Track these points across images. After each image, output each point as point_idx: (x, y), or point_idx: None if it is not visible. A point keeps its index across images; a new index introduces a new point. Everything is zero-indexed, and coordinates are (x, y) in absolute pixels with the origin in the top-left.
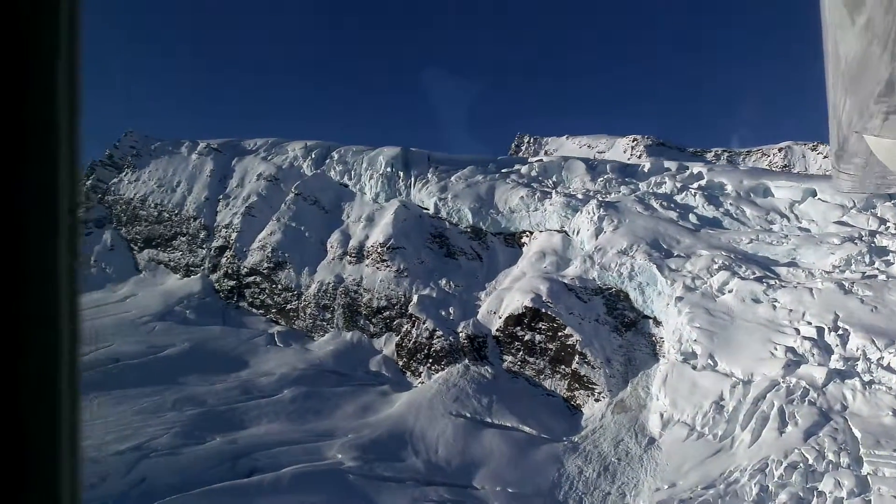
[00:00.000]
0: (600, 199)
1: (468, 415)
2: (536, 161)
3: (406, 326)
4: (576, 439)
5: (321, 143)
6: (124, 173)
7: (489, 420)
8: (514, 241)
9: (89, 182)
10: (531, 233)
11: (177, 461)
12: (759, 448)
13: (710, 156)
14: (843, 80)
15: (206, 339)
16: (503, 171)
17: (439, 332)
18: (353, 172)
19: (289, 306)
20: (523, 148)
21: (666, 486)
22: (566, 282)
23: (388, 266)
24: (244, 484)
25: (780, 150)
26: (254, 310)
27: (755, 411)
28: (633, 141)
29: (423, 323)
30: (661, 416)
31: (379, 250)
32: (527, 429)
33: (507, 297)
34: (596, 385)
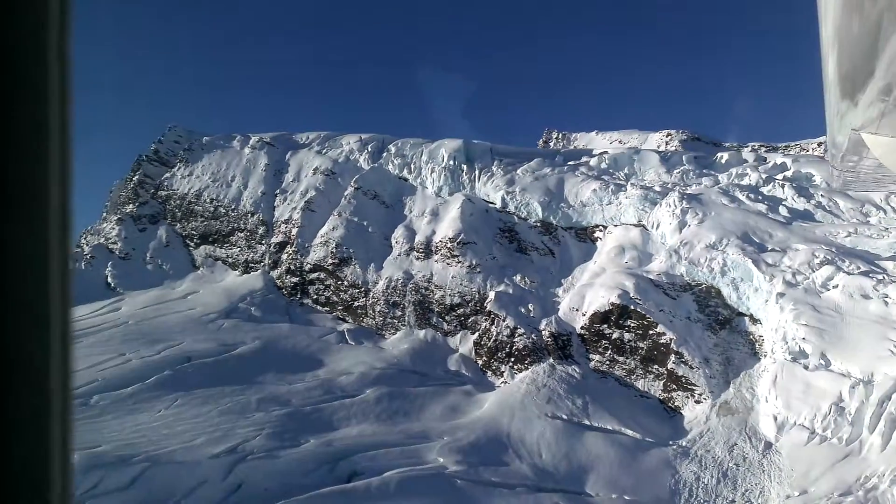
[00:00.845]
0: (681, 191)
1: (564, 416)
2: (600, 153)
3: (484, 324)
4: (683, 443)
5: (376, 135)
6: (177, 168)
7: (587, 422)
8: (586, 236)
9: (136, 178)
10: (604, 227)
11: (273, 465)
12: (893, 452)
13: (746, 151)
14: (841, 79)
15: (276, 336)
16: (570, 163)
17: (520, 330)
18: (412, 166)
19: (356, 303)
20: (551, 144)
21: (797, 494)
22: (652, 277)
23: (459, 262)
24: (350, 489)
25: (819, 143)
26: (318, 307)
27: (881, 412)
28: (666, 136)
29: (503, 320)
30: (775, 418)
31: (449, 245)
32: (629, 432)
33: (588, 293)
34: (696, 386)
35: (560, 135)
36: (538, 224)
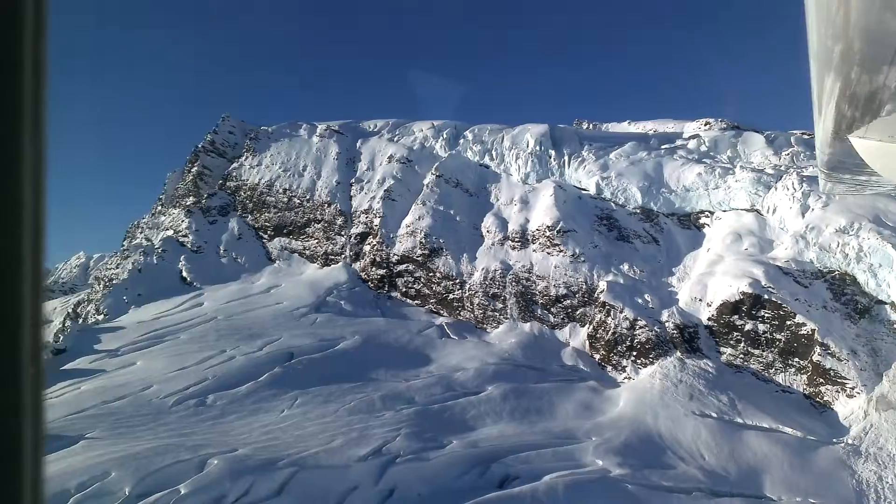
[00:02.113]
0: (798, 173)
1: (713, 414)
2: (692, 137)
3: (598, 316)
4: (850, 441)
5: (448, 122)
6: (244, 158)
7: (740, 420)
8: (689, 222)
9: (194, 170)
10: (710, 213)
11: (422, 468)
12: None
13: (794, 139)
14: (830, 83)
15: (374, 331)
16: (666, 146)
17: (641, 322)
18: (493, 152)
19: (451, 296)
20: None
21: None
22: (780, 265)
23: (560, 251)
24: (517, 495)
25: None
26: (408, 300)
27: None
28: (705, 125)
29: (620, 312)
30: None
31: (548, 234)
32: (788, 430)
33: (711, 282)
34: (846, 379)
35: (591, 125)
36: (637, 210)
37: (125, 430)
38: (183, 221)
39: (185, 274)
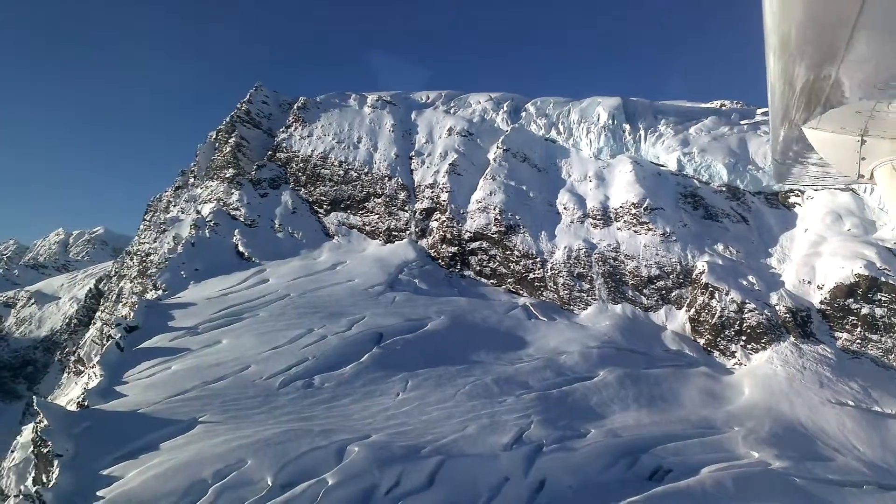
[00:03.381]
0: None
1: (850, 402)
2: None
3: (701, 298)
4: None
5: (506, 94)
6: (293, 128)
7: (878, 409)
8: (778, 202)
9: (231, 141)
10: (800, 192)
11: (569, 459)
12: None
13: None
14: (785, 73)
15: (459, 311)
16: (748, 121)
17: (750, 305)
18: (560, 126)
19: (531, 275)
20: None
21: None
22: (890, 247)
23: (648, 229)
24: (684, 489)
25: None
26: (483, 279)
27: None
28: (720, 106)
29: (726, 294)
30: None
31: (633, 212)
32: None
33: (818, 264)
34: None
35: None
36: (723, 188)
37: (237, 412)
38: (232, 194)
39: (241, 248)
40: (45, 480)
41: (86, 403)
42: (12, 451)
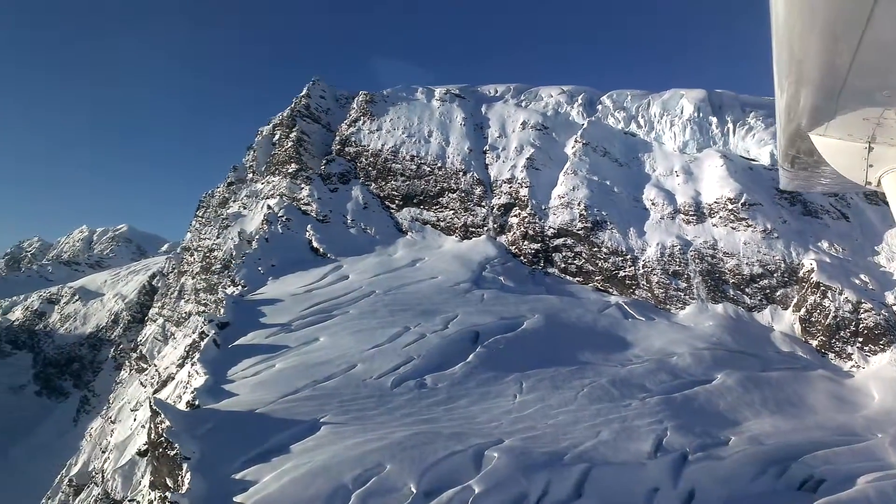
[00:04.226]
0: None
1: None
2: None
3: (812, 298)
4: None
5: (579, 87)
6: (362, 122)
7: None
8: (877, 198)
9: (293, 135)
10: None
11: (715, 468)
12: None
13: None
14: (792, 79)
15: (552, 310)
16: None
17: (867, 305)
18: (640, 119)
19: (621, 273)
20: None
21: None
22: None
23: (748, 226)
24: (847, 502)
25: None
26: (568, 276)
27: None
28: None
29: (840, 294)
30: None
31: (730, 207)
32: None
33: None
34: None
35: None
36: None
37: (358, 413)
38: (301, 189)
39: (315, 244)
40: (170, 485)
41: (197, 403)
42: (104, 452)
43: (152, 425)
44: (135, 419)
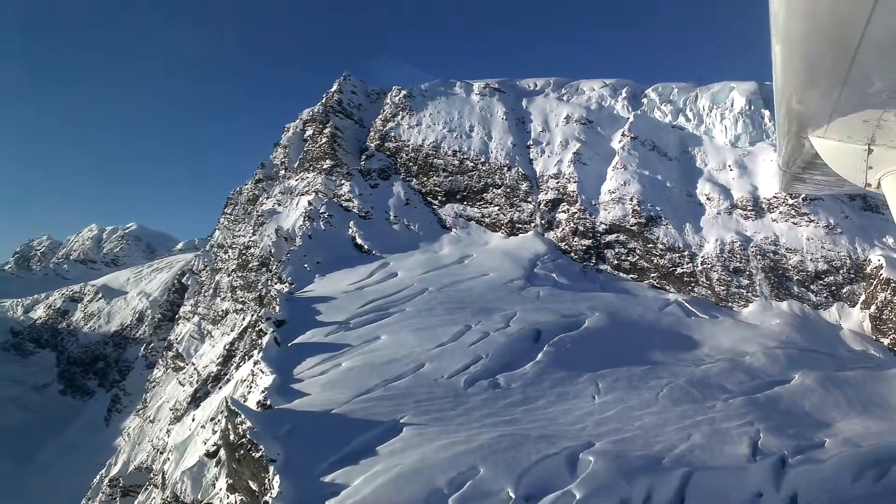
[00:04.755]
0: None
1: None
2: None
3: (883, 295)
4: None
5: (621, 80)
6: (401, 118)
7: None
8: None
9: (326, 131)
10: None
11: (814, 472)
12: None
13: None
14: (790, 82)
15: (611, 308)
16: None
17: None
18: (689, 112)
19: (679, 269)
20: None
21: None
22: None
23: (810, 221)
24: None
25: None
26: (622, 273)
27: None
28: None
29: None
30: None
31: (790, 202)
32: None
33: None
34: None
35: None
36: None
37: (437, 414)
38: (343, 185)
39: (359, 241)
40: (255, 488)
41: (268, 403)
42: (162, 453)
43: (230, 426)
44: (193, 419)
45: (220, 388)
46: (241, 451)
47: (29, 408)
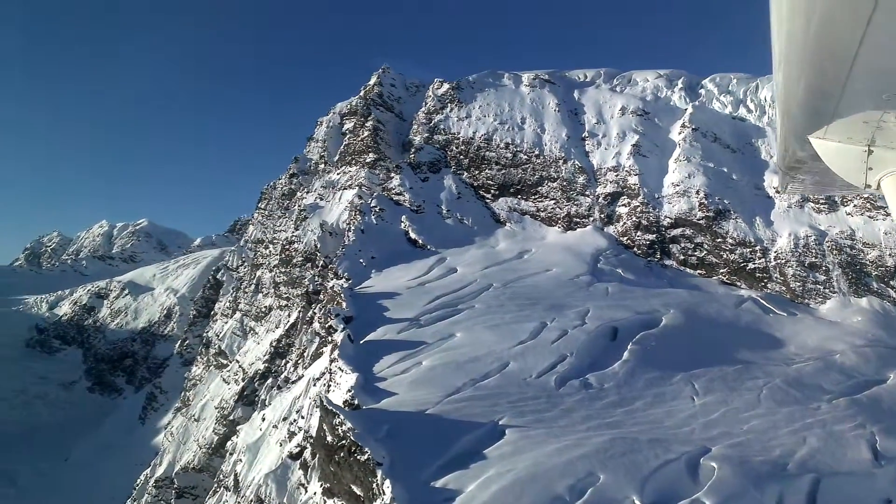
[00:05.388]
0: None
1: None
2: None
3: None
4: None
5: (676, 71)
6: (449, 110)
7: None
8: None
9: (368, 125)
10: None
11: None
12: None
13: None
14: (791, 83)
15: (686, 305)
16: None
17: None
18: (750, 103)
19: (750, 265)
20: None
21: None
22: None
23: (887, 215)
24: None
25: None
26: (688, 269)
27: None
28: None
29: None
30: None
31: (866, 195)
32: None
33: None
34: None
35: None
36: None
37: (536, 416)
38: (392, 178)
39: (412, 235)
40: (360, 493)
41: (356, 402)
42: (231, 454)
43: (324, 427)
44: (262, 418)
45: (289, 387)
46: (342, 454)
47: (57, 405)
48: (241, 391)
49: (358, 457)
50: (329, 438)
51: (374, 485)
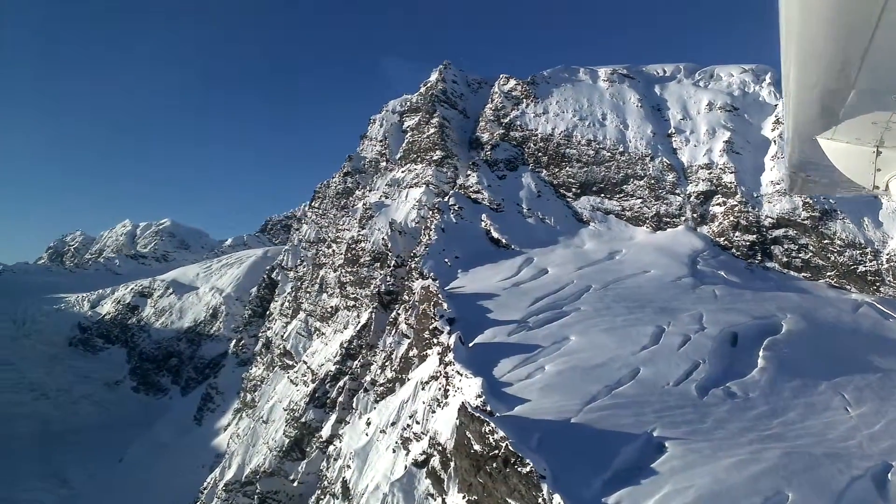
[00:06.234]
0: None
1: None
2: None
3: None
4: None
5: (761, 65)
6: (526, 106)
7: None
8: None
9: (434, 121)
10: None
11: None
12: None
13: None
14: (801, 83)
15: (802, 309)
16: None
17: None
18: None
19: (861, 268)
20: None
21: None
22: None
23: None
24: None
25: None
26: (791, 271)
27: None
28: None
29: None
30: None
31: None
32: None
33: None
34: None
35: None
36: None
37: (688, 427)
38: (470, 175)
39: (494, 234)
40: None
41: (488, 408)
42: (336, 460)
43: (469, 435)
44: (368, 423)
45: (395, 390)
46: (495, 464)
47: (103, 405)
48: (312, 393)
49: (519, 469)
50: (476, 447)
51: (540, 499)
